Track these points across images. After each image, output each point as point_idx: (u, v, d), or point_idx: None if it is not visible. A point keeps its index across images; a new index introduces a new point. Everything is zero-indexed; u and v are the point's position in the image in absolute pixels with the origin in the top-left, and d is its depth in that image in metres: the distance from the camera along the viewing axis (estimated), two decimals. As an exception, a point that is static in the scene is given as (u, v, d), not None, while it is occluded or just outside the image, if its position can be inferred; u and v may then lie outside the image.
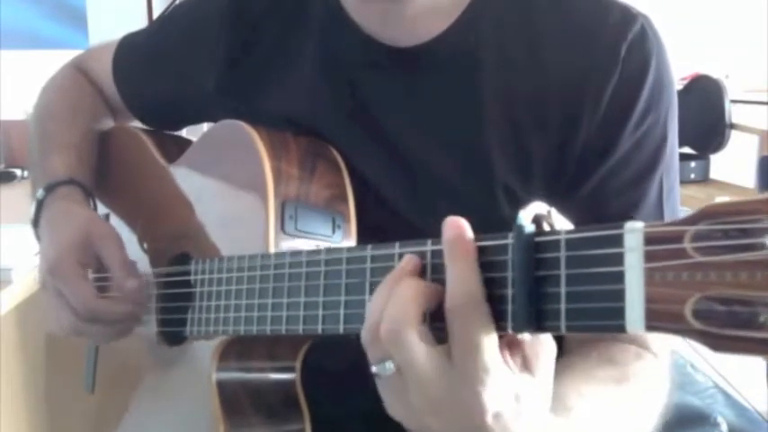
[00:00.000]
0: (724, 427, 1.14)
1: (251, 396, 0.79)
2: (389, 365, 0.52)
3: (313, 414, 0.78)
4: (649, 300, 0.41)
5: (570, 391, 0.64)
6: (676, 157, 0.80)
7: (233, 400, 0.78)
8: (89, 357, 1.01)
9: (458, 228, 0.51)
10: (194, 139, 0.97)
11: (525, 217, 0.47)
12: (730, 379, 2.12)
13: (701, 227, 0.39)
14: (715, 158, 3.50)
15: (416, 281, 0.52)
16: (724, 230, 0.38)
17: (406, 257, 0.54)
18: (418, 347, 0.50)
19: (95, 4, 2.24)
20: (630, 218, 0.74)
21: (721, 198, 3.16)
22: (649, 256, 0.41)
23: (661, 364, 0.77)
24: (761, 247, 0.37)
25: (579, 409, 0.62)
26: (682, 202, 0.82)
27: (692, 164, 3.39)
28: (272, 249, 0.73)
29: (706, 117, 3.32)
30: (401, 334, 0.50)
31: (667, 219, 0.76)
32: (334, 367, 0.78)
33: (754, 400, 1.91)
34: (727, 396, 1.27)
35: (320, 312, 0.62)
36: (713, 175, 3.50)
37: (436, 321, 0.51)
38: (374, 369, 0.53)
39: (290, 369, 0.77)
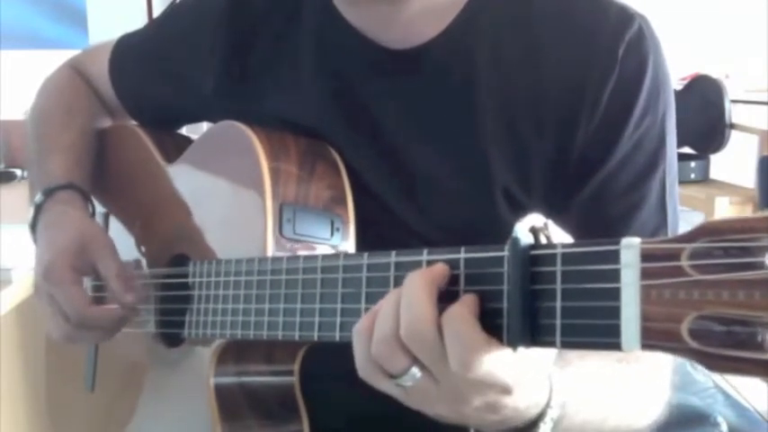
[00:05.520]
0: (724, 427, 1.13)
1: (249, 399, 0.79)
2: (415, 371, 0.52)
3: (311, 417, 0.78)
4: (645, 318, 0.41)
5: (570, 355, 0.63)
6: (675, 158, 0.79)
7: (231, 403, 0.78)
8: (89, 355, 1.01)
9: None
10: (194, 136, 0.97)
11: (521, 229, 0.47)
12: (730, 379, 2.12)
13: (699, 244, 0.39)
14: (715, 158, 3.49)
15: (420, 275, 0.52)
16: (721, 248, 0.38)
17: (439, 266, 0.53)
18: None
19: (95, 4, 2.24)
20: (632, 218, 0.75)
21: (721, 198, 3.16)
22: (646, 273, 0.41)
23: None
24: (759, 266, 0.36)
25: (578, 365, 0.62)
26: (682, 202, 0.82)
27: (692, 164, 3.38)
28: (269, 253, 0.73)
29: (706, 117, 3.31)
30: (425, 332, 0.50)
31: (669, 219, 0.77)
32: (332, 370, 0.78)
33: (754, 400, 1.91)
34: (727, 396, 1.27)
35: (316, 319, 0.62)
36: (713, 175, 3.49)
37: None
38: (398, 382, 0.53)
39: (288, 372, 0.77)
